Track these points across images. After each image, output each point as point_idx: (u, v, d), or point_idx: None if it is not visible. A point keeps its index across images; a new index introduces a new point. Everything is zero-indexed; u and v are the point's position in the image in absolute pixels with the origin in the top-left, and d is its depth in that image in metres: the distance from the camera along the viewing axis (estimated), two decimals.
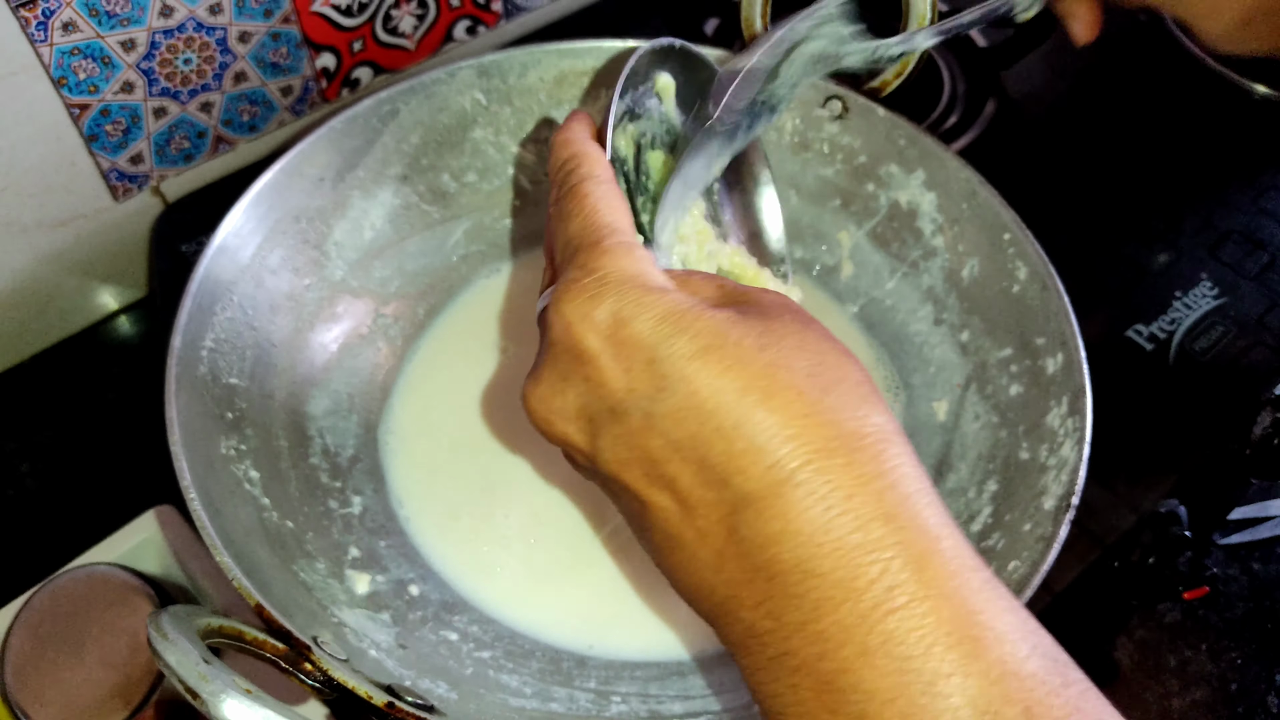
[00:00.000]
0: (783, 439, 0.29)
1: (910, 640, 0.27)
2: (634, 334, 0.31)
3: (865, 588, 0.28)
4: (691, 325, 0.31)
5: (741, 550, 0.30)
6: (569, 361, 0.33)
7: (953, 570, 0.28)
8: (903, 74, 0.51)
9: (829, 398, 0.30)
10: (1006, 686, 0.27)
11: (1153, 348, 0.57)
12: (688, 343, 0.31)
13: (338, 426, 0.49)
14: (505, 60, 0.52)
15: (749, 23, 0.53)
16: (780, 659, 0.29)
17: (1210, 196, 0.64)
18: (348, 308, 0.51)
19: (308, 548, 0.43)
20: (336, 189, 0.50)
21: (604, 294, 0.32)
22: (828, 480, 0.29)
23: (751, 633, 0.30)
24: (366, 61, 0.65)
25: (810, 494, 0.29)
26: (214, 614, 0.33)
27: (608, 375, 0.32)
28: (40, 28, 0.51)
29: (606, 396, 0.32)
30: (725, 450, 0.30)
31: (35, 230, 0.58)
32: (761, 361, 0.30)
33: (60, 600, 0.45)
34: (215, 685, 0.28)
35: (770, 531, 0.29)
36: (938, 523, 0.29)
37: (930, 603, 0.27)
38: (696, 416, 0.30)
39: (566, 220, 0.36)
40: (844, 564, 0.28)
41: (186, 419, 0.40)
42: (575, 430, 0.34)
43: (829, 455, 0.29)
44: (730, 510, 0.30)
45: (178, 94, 0.59)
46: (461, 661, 0.42)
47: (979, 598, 0.28)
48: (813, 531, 0.28)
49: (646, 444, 0.31)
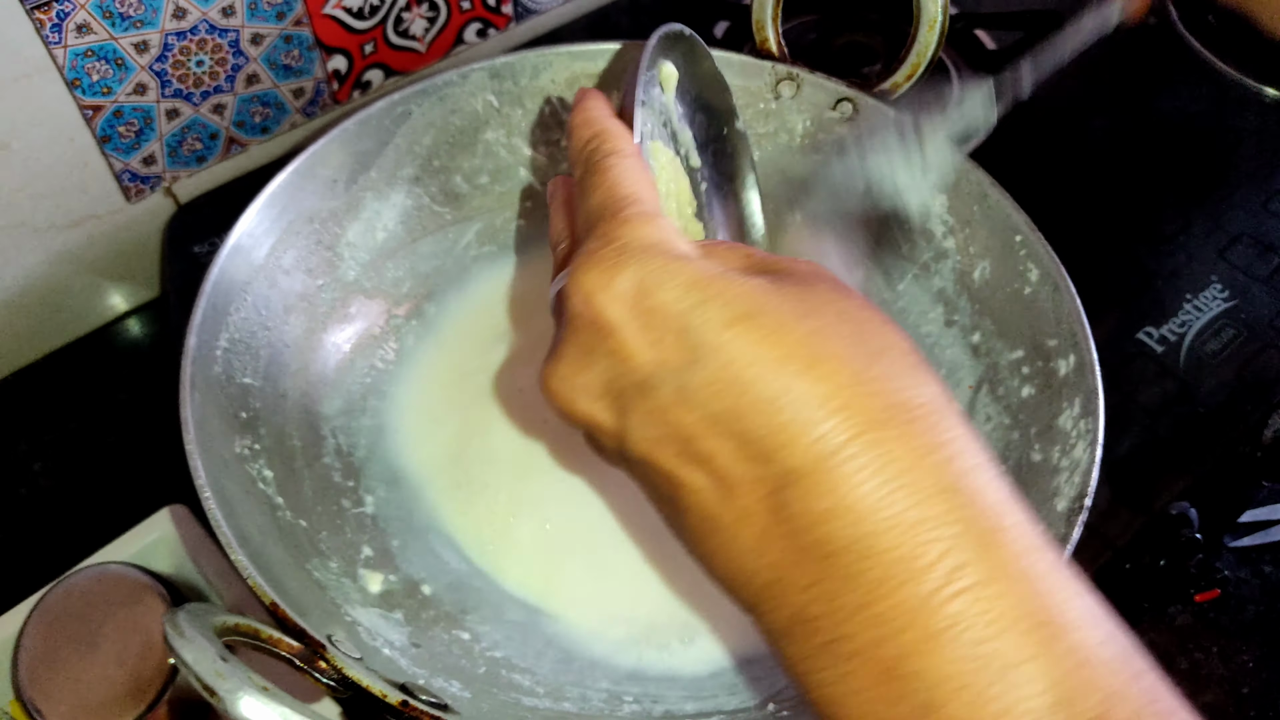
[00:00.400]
0: (830, 410, 0.27)
1: (979, 624, 0.25)
2: (661, 303, 0.30)
3: (928, 568, 0.26)
4: (723, 292, 0.29)
5: (788, 530, 0.28)
6: (591, 336, 0.31)
7: (1020, 550, 0.27)
8: (913, 76, 0.51)
9: (876, 367, 0.28)
10: (1083, 675, 0.25)
11: (1163, 350, 0.57)
12: (720, 310, 0.29)
13: (350, 426, 0.49)
14: (517, 62, 0.52)
15: (760, 26, 0.53)
16: (833, 645, 0.27)
17: (1220, 199, 0.64)
18: (360, 308, 0.51)
19: (321, 547, 0.43)
20: (349, 190, 0.50)
21: (625, 262, 0.31)
22: (881, 453, 0.27)
23: (800, 618, 0.28)
24: (378, 64, 0.66)
25: (862, 468, 0.27)
26: (229, 612, 0.34)
27: (635, 347, 0.30)
28: (55, 30, 0.52)
29: (634, 370, 0.30)
30: (766, 423, 0.28)
31: (48, 231, 0.58)
32: (801, 330, 0.29)
33: (73, 599, 0.45)
34: (232, 682, 0.28)
35: (820, 509, 0.27)
36: (1001, 499, 0.28)
37: (1000, 584, 0.26)
38: (734, 388, 0.28)
39: (588, 195, 0.35)
40: (903, 542, 0.26)
41: (201, 418, 0.40)
42: (601, 409, 0.32)
43: (881, 427, 0.27)
44: (775, 488, 0.28)
45: (190, 96, 0.59)
46: (474, 661, 0.42)
47: (1049, 580, 0.27)
48: (868, 508, 0.27)
49: (680, 419, 0.29)
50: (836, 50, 0.70)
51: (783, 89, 0.53)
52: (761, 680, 0.42)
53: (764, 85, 0.53)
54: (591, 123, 0.38)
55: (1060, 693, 0.25)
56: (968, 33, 0.71)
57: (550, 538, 0.47)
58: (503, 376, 0.52)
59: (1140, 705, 0.25)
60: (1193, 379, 0.56)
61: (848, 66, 0.67)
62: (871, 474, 0.27)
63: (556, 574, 0.46)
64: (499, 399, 0.51)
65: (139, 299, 0.66)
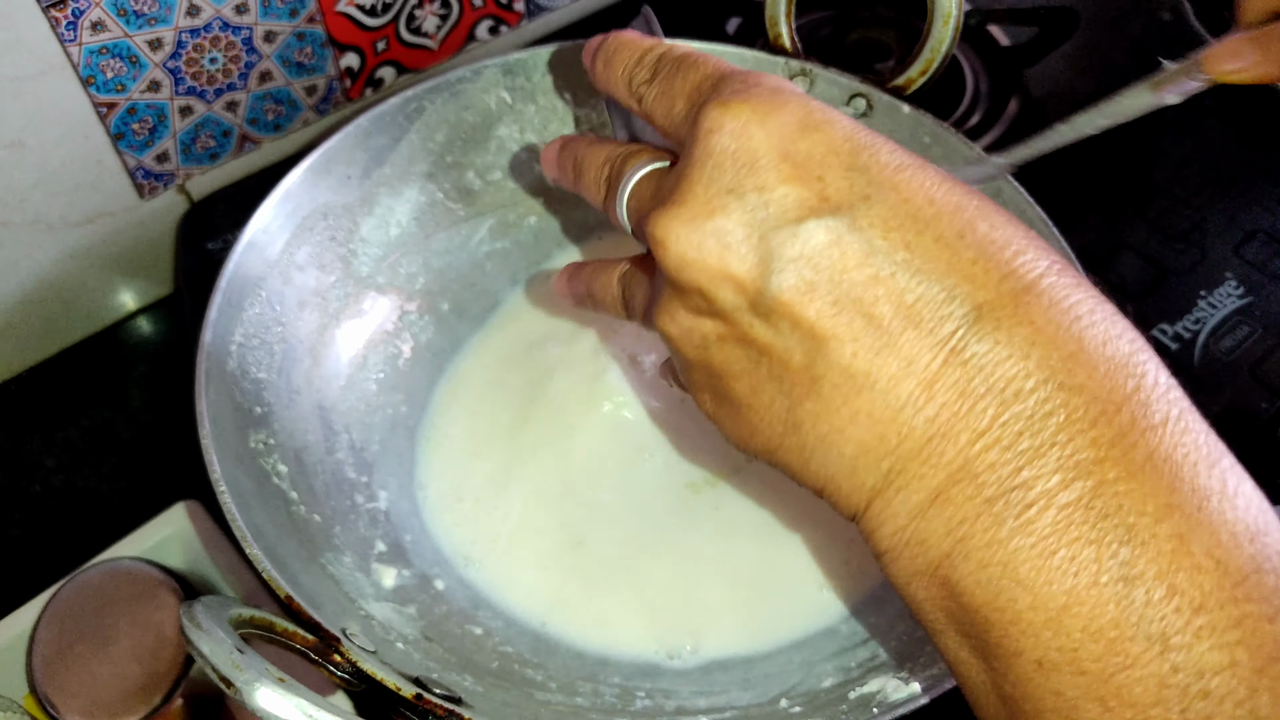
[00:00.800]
0: (1019, 245, 0.26)
1: (1177, 456, 0.24)
2: (829, 139, 0.28)
3: (1123, 402, 0.25)
4: (883, 142, 0.28)
5: (967, 373, 0.26)
6: (738, 172, 0.28)
7: (1191, 406, 0.26)
8: (927, 72, 0.51)
9: (1030, 232, 0.28)
10: (1269, 514, 0.25)
11: (1178, 347, 0.57)
12: (888, 153, 0.28)
13: (364, 422, 0.49)
14: (530, 58, 0.52)
15: (773, 21, 0.53)
16: (1005, 496, 0.25)
17: (1235, 195, 0.64)
18: (374, 304, 0.51)
19: (335, 541, 0.43)
20: (363, 186, 0.51)
21: (786, 99, 0.28)
22: (1075, 284, 0.26)
23: (964, 473, 0.26)
24: (390, 61, 0.66)
25: (1058, 300, 0.26)
26: (245, 605, 0.34)
27: (797, 184, 0.27)
28: (70, 27, 0.52)
29: (792, 208, 0.27)
30: (950, 260, 0.26)
31: (62, 228, 0.59)
32: (961, 188, 0.28)
33: (87, 594, 0.45)
34: (249, 674, 0.28)
35: (1014, 346, 0.25)
36: (1158, 360, 0.27)
37: (1198, 420, 0.25)
38: (912, 225, 0.26)
39: (688, 70, 0.32)
40: (1098, 377, 0.25)
41: (216, 413, 0.40)
42: (739, 257, 0.28)
43: (1069, 266, 0.27)
44: (957, 328, 0.26)
45: (204, 93, 0.59)
46: (487, 656, 0.42)
47: (1217, 439, 0.26)
48: (1065, 340, 0.25)
49: (844, 262, 0.27)
50: (850, 46, 0.70)
51: (796, 85, 0.53)
52: (773, 677, 0.42)
53: None
54: (644, 39, 0.36)
55: (1257, 519, 0.24)
56: (981, 29, 0.71)
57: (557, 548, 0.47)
58: (517, 377, 0.52)
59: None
60: (1207, 376, 0.56)
61: (861, 63, 0.67)
62: (1069, 307, 0.26)
63: (562, 586, 0.46)
64: (511, 400, 0.51)
65: (152, 296, 0.66)
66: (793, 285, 0.27)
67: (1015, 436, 0.25)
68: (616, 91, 0.36)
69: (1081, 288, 0.27)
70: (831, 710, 0.37)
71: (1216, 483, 0.25)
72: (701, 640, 0.44)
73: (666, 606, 0.45)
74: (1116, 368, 0.25)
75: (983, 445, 0.25)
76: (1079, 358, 0.25)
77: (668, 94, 0.33)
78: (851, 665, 0.40)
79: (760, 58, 0.53)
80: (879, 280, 0.27)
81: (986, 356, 0.25)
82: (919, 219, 0.27)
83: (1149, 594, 0.24)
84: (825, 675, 0.40)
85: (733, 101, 0.28)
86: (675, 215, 0.29)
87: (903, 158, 0.28)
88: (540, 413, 0.50)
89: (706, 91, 0.31)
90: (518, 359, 0.52)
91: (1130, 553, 0.24)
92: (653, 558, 0.46)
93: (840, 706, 0.38)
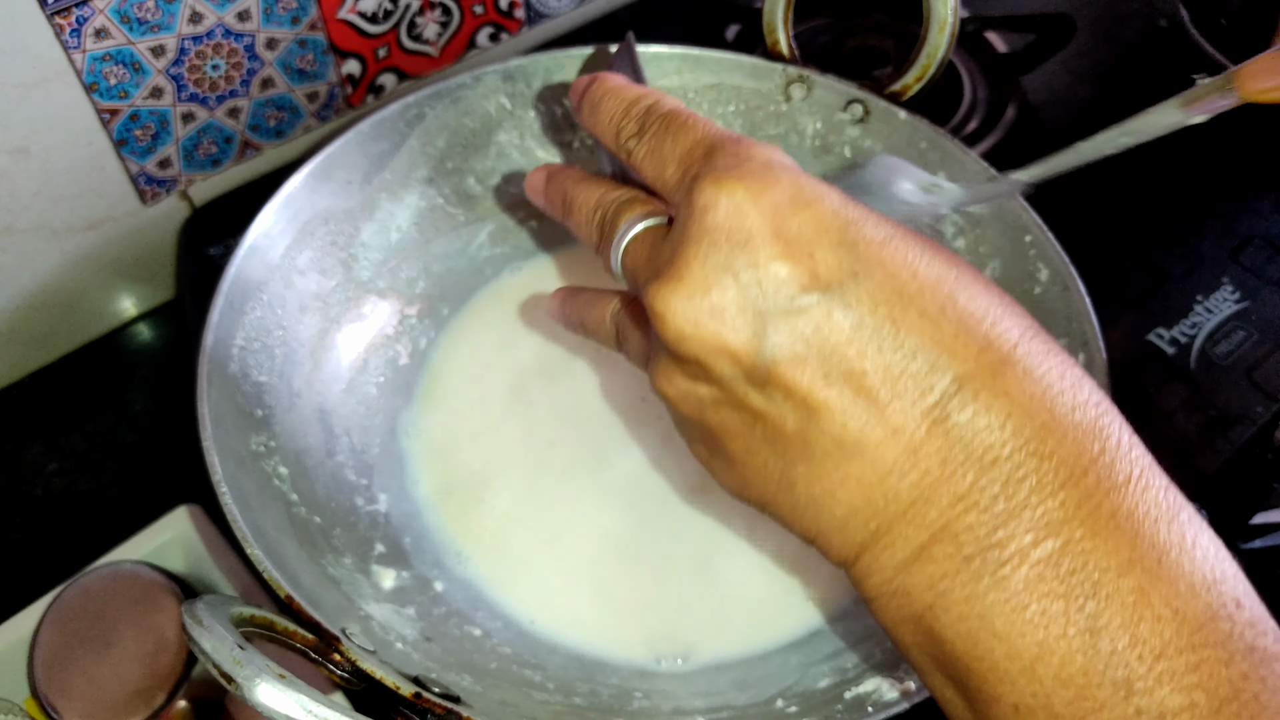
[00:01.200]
0: (995, 315, 0.28)
1: (1139, 514, 0.26)
2: (818, 219, 0.29)
3: (1089, 465, 0.26)
4: (869, 215, 0.29)
5: (948, 441, 0.27)
6: (732, 250, 0.29)
7: (1154, 464, 0.28)
8: (923, 78, 0.51)
9: (1005, 299, 0.29)
10: (1230, 565, 0.27)
11: (1174, 352, 0.57)
12: (874, 229, 0.29)
13: (364, 425, 0.49)
14: (530, 64, 0.53)
15: (771, 28, 0.53)
16: (982, 554, 0.27)
17: (1231, 201, 0.64)
18: (374, 308, 0.52)
19: (335, 543, 0.43)
20: (364, 191, 0.51)
21: (778, 176, 0.29)
22: (1046, 350, 0.28)
23: (945, 533, 0.28)
24: (391, 68, 0.66)
25: (1031, 369, 0.27)
26: (246, 604, 0.34)
27: (788, 261, 0.28)
28: (74, 34, 0.52)
29: (783, 285, 0.28)
30: (933, 334, 0.28)
31: (65, 233, 0.59)
32: (942, 258, 0.29)
33: (88, 597, 0.45)
34: (250, 670, 0.28)
35: (991, 416, 0.27)
36: (1124, 421, 0.29)
37: (1158, 476, 0.27)
38: (897, 300, 0.28)
39: (678, 133, 0.33)
40: (1067, 444, 0.26)
41: (217, 415, 0.41)
42: (735, 330, 0.29)
43: (1040, 332, 0.28)
44: (939, 399, 0.27)
45: (206, 99, 0.59)
46: (485, 656, 0.42)
47: (1179, 495, 0.28)
48: (1037, 409, 0.27)
49: (833, 336, 0.28)
50: (848, 53, 0.71)
51: (794, 91, 0.53)
52: (770, 678, 0.42)
53: (775, 87, 0.53)
54: (630, 87, 0.36)
55: (1222, 569, 0.26)
56: (979, 35, 0.71)
57: (554, 552, 0.47)
58: (514, 380, 0.52)
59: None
60: (1203, 381, 0.56)
61: (859, 69, 0.67)
62: (1040, 376, 0.27)
63: (559, 589, 0.46)
64: (509, 404, 0.52)
65: (154, 301, 0.66)
66: (786, 359, 0.29)
67: (991, 500, 0.27)
68: (604, 139, 0.37)
69: (1051, 354, 0.28)
70: (827, 710, 0.38)
71: (1176, 536, 0.27)
72: (690, 645, 0.45)
73: (651, 608, 0.46)
74: (1084, 433, 0.27)
75: (962, 508, 0.27)
76: (1050, 426, 0.27)
77: (657, 154, 0.34)
78: (848, 666, 0.40)
79: (759, 64, 0.53)
80: (867, 354, 0.28)
81: (967, 426, 0.27)
82: (904, 294, 0.28)
83: (1114, 643, 0.26)
84: (821, 676, 0.41)
85: (726, 180, 0.29)
86: (673, 291, 0.30)
87: (888, 230, 0.29)
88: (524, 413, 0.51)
89: (699, 160, 0.32)
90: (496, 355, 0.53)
91: (1096, 606, 0.26)
92: (649, 570, 0.47)
93: (836, 706, 0.38)
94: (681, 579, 0.46)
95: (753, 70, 0.53)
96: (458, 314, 0.55)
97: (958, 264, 0.30)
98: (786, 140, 0.55)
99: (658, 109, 0.35)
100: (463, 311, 0.55)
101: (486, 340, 0.54)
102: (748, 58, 0.53)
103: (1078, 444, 0.27)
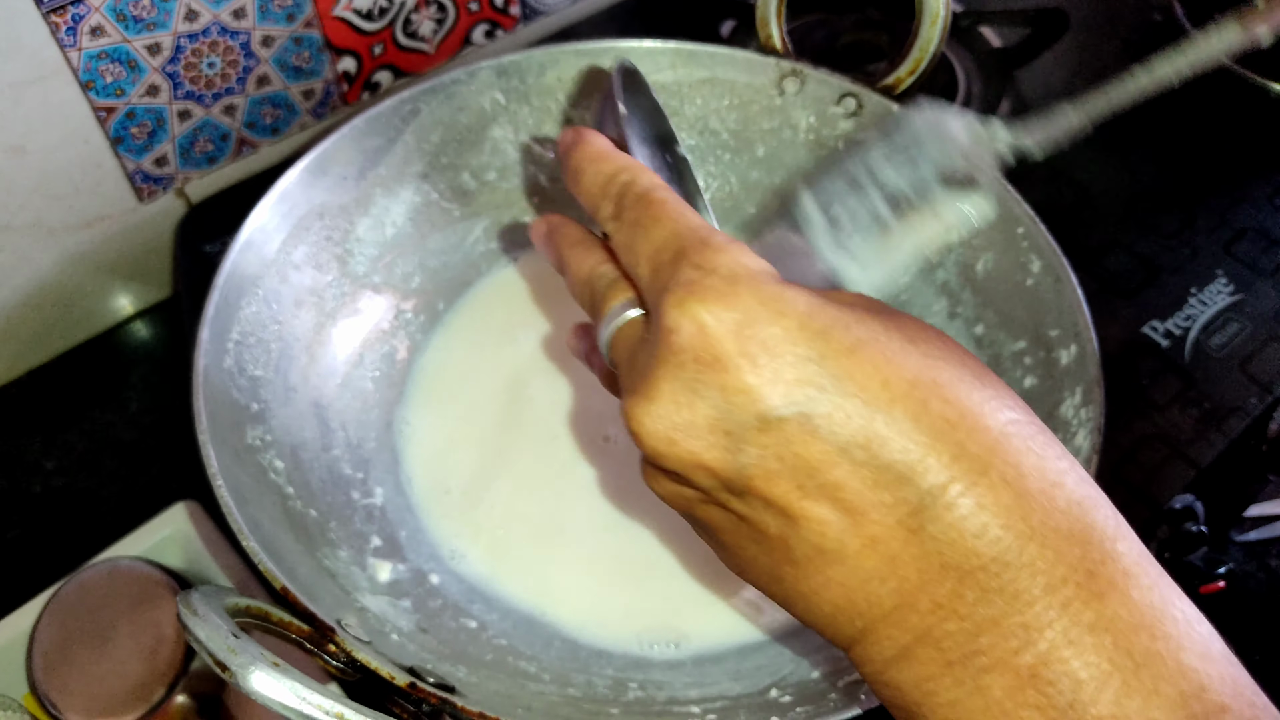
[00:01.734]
0: (976, 415, 0.27)
1: (1118, 626, 0.26)
2: (783, 333, 0.28)
3: (1067, 574, 0.26)
4: (837, 321, 0.29)
5: (925, 551, 0.27)
6: (699, 370, 0.29)
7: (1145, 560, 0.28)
8: (916, 72, 0.51)
9: (985, 387, 0.29)
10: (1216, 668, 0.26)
11: (1169, 344, 0.57)
12: (841, 337, 0.28)
13: (360, 419, 0.50)
14: (524, 60, 0.53)
15: (764, 23, 0.53)
16: (966, 660, 0.27)
17: (1225, 193, 0.65)
18: (369, 303, 0.52)
19: (331, 536, 0.43)
20: (359, 186, 0.51)
21: (739, 292, 0.29)
22: (1030, 448, 0.27)
23: (926, 639, 0.28)
24: (387, 65, 0.66)
25: (1011, 470, 0.27)
26: (241, 595, 0.34)
27: (754, 380, 0.28)
28: (70, 32, 0.52)
29: (752, 403, 0.28)
30: (904, 446, 0.27)
31: (62, 231, 0.59)
32: (917, 354, 0.29)
33: (86, 594, 0.45)
34: (244, 658, 0.28)
35: (967, 525, 0.27)
36: (1114, 515, 0.28)
37: (1142, 582, 0.27)
38: (866, 413, 0.28)
39: (648, 227, 0.33)
40: (1046, 554, 0.27)
41: (213, 409, 0.41)
42: (708, 447, 0.29)
43: (1024, 422, 0.28)
44: (913, 509, 0.27)
45: (202, 97, 0.60)
46: (481, 648, 0.42)
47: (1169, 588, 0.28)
48: (1013, 519, 0.27)
49: (804, 451, 0.28)
50: (842, 48, 0.71)
51: (787, 85, 0.54)
52: (764, 668, 0.43)
53: (768, 81, 0.54)
54: (608, 157, 0.36)
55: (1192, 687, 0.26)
56: (973, 30, 0.71)
57: (548, 544, 0.48)
58: (509, 376, 0.53)
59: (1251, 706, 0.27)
60: (1198, 373, 0.56)
61: (854, 64, 0.67)
62: (1021, 475, 0.27)
63: (553, 580, 0.47)
64: (504, 398, 0.52)
65: (150, 299, 0.66)
66: (760, 474, 0.29)
67: (971, 607, 0.27)
68: (585, 210, 0.37)
69: (1033, 449, 0.28)
70: (820, 699, 0.38)
71: (1160, 645, 0.26)
72: (683, 633, 0.45)
73: (657, 608, 0.46)
74: (1062, 540, 0.27)
75: (943, 615, 0.27)
76: (1030, 533, 0.27)
77: (630, 250, 0.33)
78: (840, 655, 0.41)
79: (752, 58, 0.53)
80: (840, 466, 0.28)
81: (944, 535, 0.27)
82: (874, 404, 0.28)
83: None
84: (815, 666, 0.41)
85: (690, 300, 0.29)
86: (646, 411, 0.30)
87: (858, 334, 0.29)
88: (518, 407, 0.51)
89: (666, 266, 0.31)
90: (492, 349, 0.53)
91: (1075, 715, 0.26)
92: (643, 561, 0.47)
93: (829, 695, 0.38)
94: (674, 568, 0.46)
95: (746, 65, 0.53)
96: (453, 309, 0.55)
97: (937, 354, 0.29)
98: (780, 134, 0.55)
99: (632, 190, 0.34)
100: (458, 306, 0.55)
101: (482, 335, 0.54)
102: (741, 52, 0.53)
103: (1057, 552, 0.27)
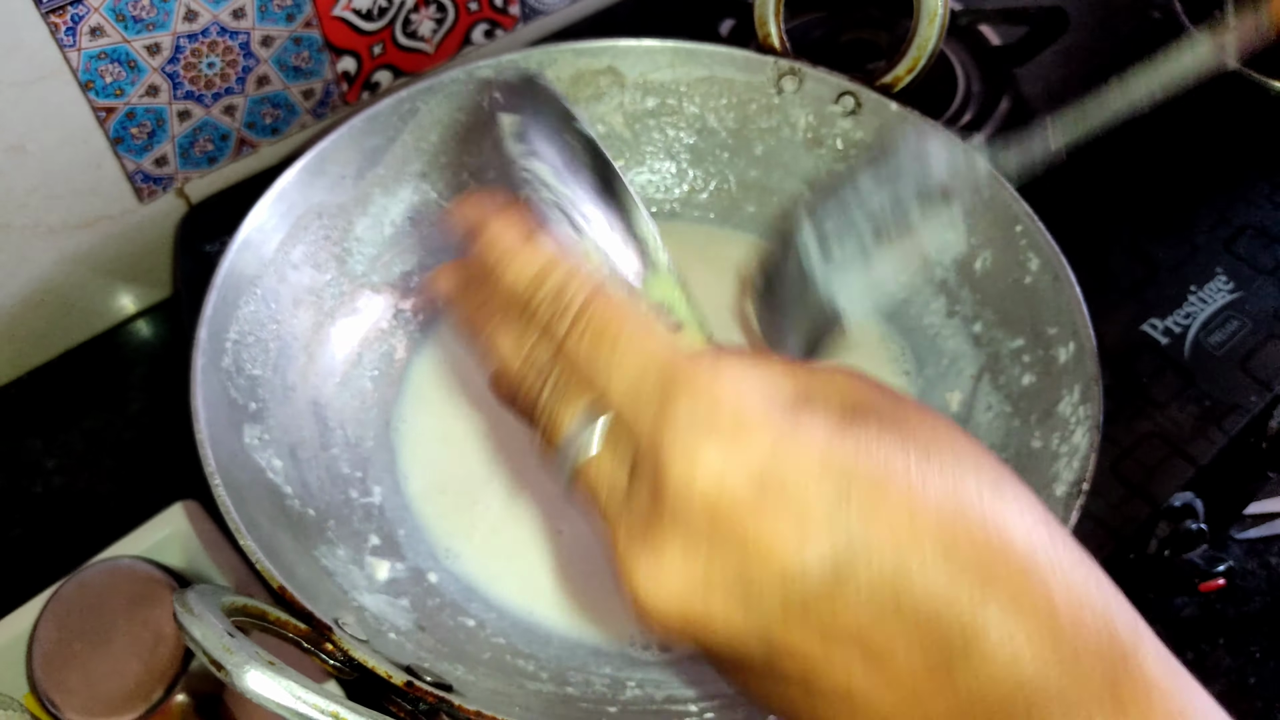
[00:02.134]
0: (995, 550, 0.26)
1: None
2: (805, 474, 0.26)
3: (1095, 693, 0.26)
4: (860, 448, 0.27)
5: (953, 691, 0.26)
6: (711, 523, 0.26)
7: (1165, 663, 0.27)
8: (914, 70, 0.51)
9: (1006, 494, 0.27)
10: None
11: (1168, 342, 0.57)
12: (866, 469, 0.26)
13: (358, 418, 0.50)
14: (522, 59, 0.53)
15: (762, 21, 0.53)
16: None
17: (1225, 191, 0.64)
18: (368, 302, 0.52)
19: (329, 535, 0.44)
20: (357, 186, 0.51)
21: (751, 430, 0.26)
22: (1056, 569, 0.26)
23: None
24: (386, 65, 0.66)
25: (1034, 609, 0.26)
26: (238, 594, 0.34)
27: (777, 534, 0.26)
28: (69, 33, 0.52)
29: (775, 560, 0.26)
30: (933, 587, 0.26)
31: (62, 231, 0.59)
32: (937, 470, 0.27)
33: (86, 593, 0.45)
34: (239, 657, 0.28)
35: (998, 658, 0.26)
36: (1133, 618, 0.27)
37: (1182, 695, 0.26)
38: (896, 559, 0.26)
39: (612, 344, 0.29)
40: (1075, 676, 0.26)
41: (211, 409, 0.41)
42: (723, 607, 0.27)
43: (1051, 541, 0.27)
44: (943, 649, 0.26)
45: (201, 97, 0.60)
46: (479, 646, 0.42)
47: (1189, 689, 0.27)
48: (1042, 649, 0.26)
49: (830, 604, 0.26)
50: (841, 47, 0.71)
51: (785, 84, 0.54)
52: None
53: (767, 80, 0.54)
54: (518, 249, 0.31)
55: None
56: (972, 28, 0.71)
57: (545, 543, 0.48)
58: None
59: None
60: (1197, 371, 0.56)
61: (852, 63, 0.67)
62: (1041, 611, 0.26)
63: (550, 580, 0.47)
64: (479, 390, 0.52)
65: (150, 299, 0.66)
66: (781, 625, 0.27)
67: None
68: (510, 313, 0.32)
69: (1056, 567, 0.26)
70: None
71: None
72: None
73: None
74: (1090, 657, 0.26)
75: None
76: (1055, 662, 0.26)
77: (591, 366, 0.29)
78: None
79: (750, 57, 0.53)
80: (872, 619, 0.26)
81: (974, 672, 0.26)
82: (903, 545, 0.26)
83: None
84: None
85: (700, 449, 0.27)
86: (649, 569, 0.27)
87: (879, 459, 0.27)
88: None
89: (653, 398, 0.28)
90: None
91: None
92: None
93: None
94: None
95: (744, 63, 0.53)
96: None
97: (954, 464, 0.27)
98: (779, 133, 0.55)
99: (572, 295, 0.30)
100: None
101: None
102: (739, 51, 0.53)
103: (1088, 672, 0.26)
